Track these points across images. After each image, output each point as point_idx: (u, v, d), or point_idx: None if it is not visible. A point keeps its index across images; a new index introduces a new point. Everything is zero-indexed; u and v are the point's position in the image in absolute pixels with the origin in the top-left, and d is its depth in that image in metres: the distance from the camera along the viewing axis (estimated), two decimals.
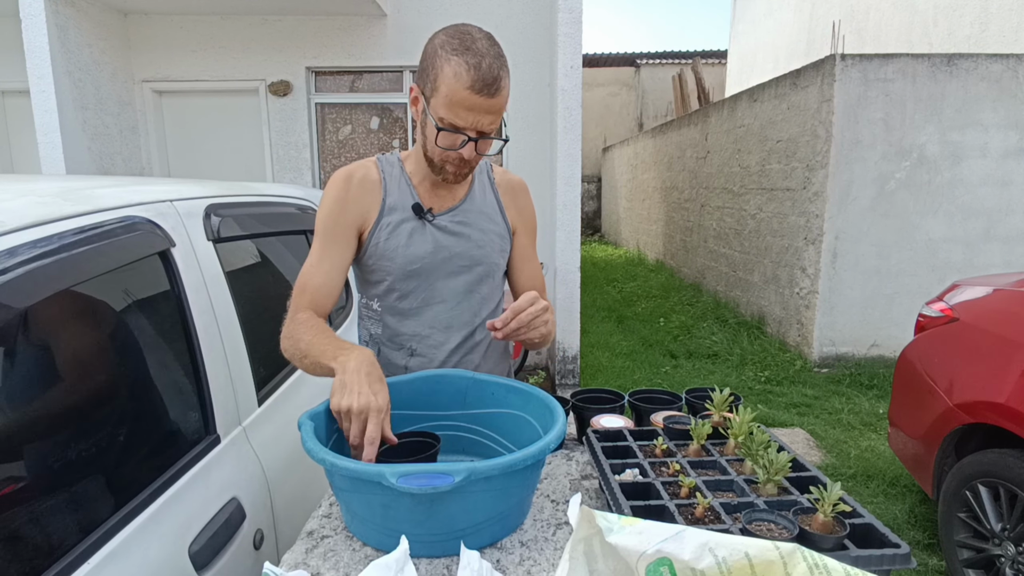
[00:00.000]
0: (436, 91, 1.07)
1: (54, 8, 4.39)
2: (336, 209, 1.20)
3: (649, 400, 1.35)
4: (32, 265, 0.86)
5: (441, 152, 1.13)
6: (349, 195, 1.21)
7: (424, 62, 1.10)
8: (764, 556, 0.58)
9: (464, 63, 1.04)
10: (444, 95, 1.06)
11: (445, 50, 1.07)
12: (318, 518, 1.00)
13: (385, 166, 1.25)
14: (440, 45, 1.08)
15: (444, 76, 1.06)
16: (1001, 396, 2.01)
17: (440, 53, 1.07)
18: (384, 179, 1.23)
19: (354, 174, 1.22)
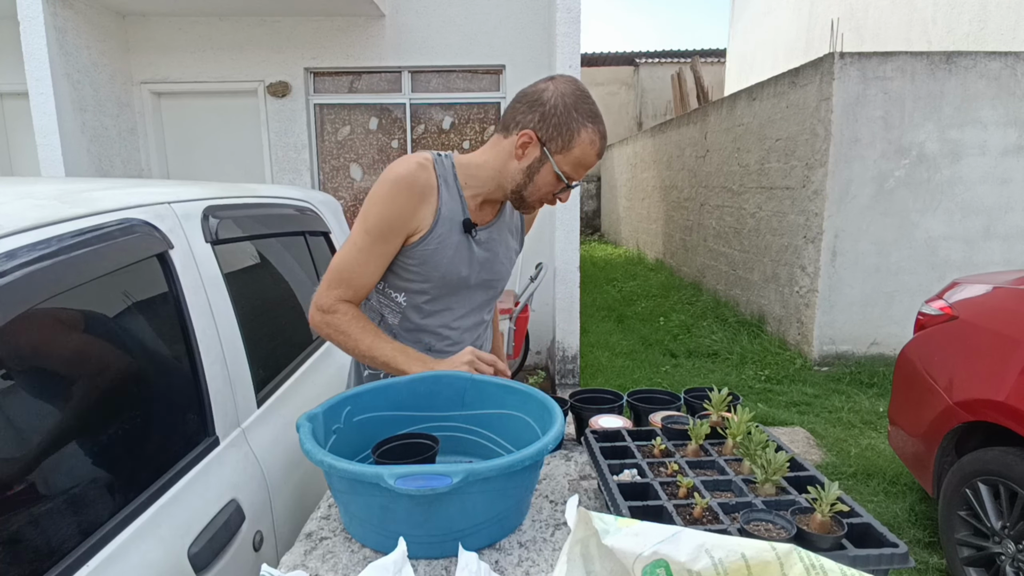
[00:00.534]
0: (568, 151, 1.17)
1: (52, 10, 4.39)
2: (396, 216, 1.20)
3: (648, 400, 1.35)
4: (30, 268, 0.86)
5: (543, 195, 1.23)
6: (410, 203, 1.20)
7: (552, 117, 1.16)
8: (760, 557, 0.58)
9: (597, 132, 1.17)
10: (576, 157, 1.17)
11: (581, 114, 1.16)
12: (317, 519, 1.00)
13: (440, 170, 1.24)
14: (573, 106, 1.16)
15: (580, 141, 1.16)
16: (1001, 394, 2.01)
17: (575, 116, 1.15)
18: (440, 187, 1.23)
19: (416, 181, 1.20)
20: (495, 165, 1.23)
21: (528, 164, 1.19)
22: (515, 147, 1.19)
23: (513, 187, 1.22)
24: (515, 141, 1.18)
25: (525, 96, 1.19)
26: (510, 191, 1.23)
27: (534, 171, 1.19)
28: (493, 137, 1.25)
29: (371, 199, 1.21)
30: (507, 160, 1.21)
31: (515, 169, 1.20)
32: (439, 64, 5.32)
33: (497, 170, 1.23)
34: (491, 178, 1.24)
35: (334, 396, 1.09)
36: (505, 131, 1.21)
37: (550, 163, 1.17)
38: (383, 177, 1.21)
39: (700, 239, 7.43)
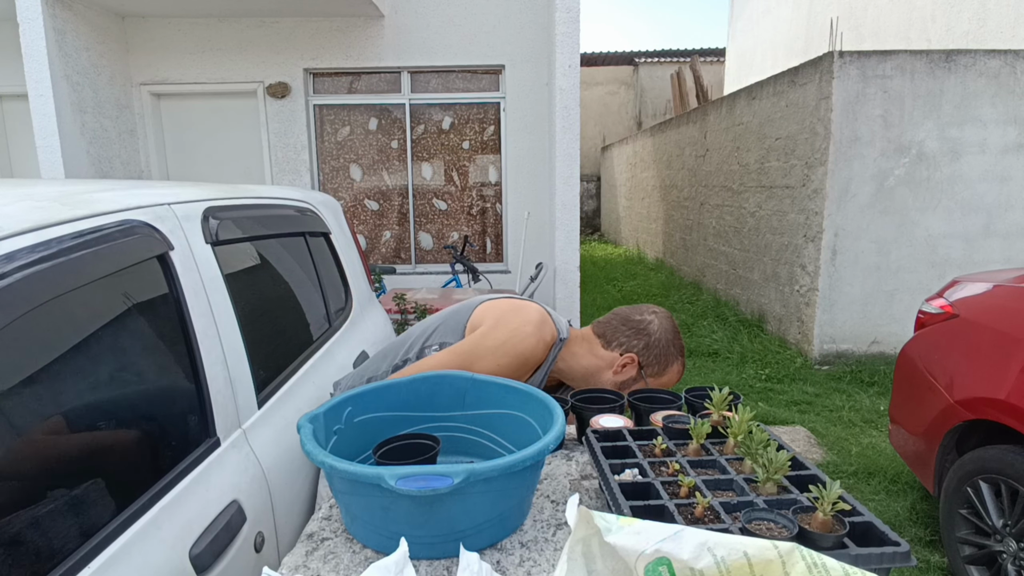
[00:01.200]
0: (659, 376, 1.38)
1: (52, 12, 4.39)
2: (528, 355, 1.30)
3: (649, 400, 1.35)
4: (30, 270, 0.86)
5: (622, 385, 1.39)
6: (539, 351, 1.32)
7: (655, 348, 1.37)
8: (763, 555, 0.58)
9: (683, 365, 1.40)
10: (664, 382, 1.39)
11: (676, 348, 1.38)
12: (318, 520, 1.00)
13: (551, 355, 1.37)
14: (671, 340, 1.38)
15: (671, 371, 1.39)
16: (1001, 392, 2.01)
17: (671, 350, 1.38)
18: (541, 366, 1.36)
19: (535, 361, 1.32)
20: (589, 367, 1.39)
21: (623, 380, 1.37)
22: (617, 364, 1.36)
23: (596, 385, 1.39)
24: (617, 359, 1.37)
25: (631, 321, 1.38)
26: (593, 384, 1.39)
27: (626, 387, 1.37)
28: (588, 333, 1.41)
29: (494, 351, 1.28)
30: (604, 370, 1.38)
31: (608, 380, 1.38)
32: (438, 64, 5.33)
33: (590, 372, 1.39)
34: (580, 375, 1.40)
35: (335, 397, 1.09)
36: (604, 341, 1.39)
37: (643, 383, 1.37)
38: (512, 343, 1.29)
39: (700, 238, 7.43)
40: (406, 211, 5.75)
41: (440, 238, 5.86)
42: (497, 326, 1.28)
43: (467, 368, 1.26)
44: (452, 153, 5.63)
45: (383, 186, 5.69)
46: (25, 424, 0.84)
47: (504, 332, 1.26)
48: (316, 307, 1.92)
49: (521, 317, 1.29)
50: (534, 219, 5.42)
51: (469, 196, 5.77)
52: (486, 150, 5.62)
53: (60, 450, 0.88)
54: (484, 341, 1.27)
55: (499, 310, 1.32)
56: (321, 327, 1.90)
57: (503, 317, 1.29)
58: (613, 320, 1.40)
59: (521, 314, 1.30)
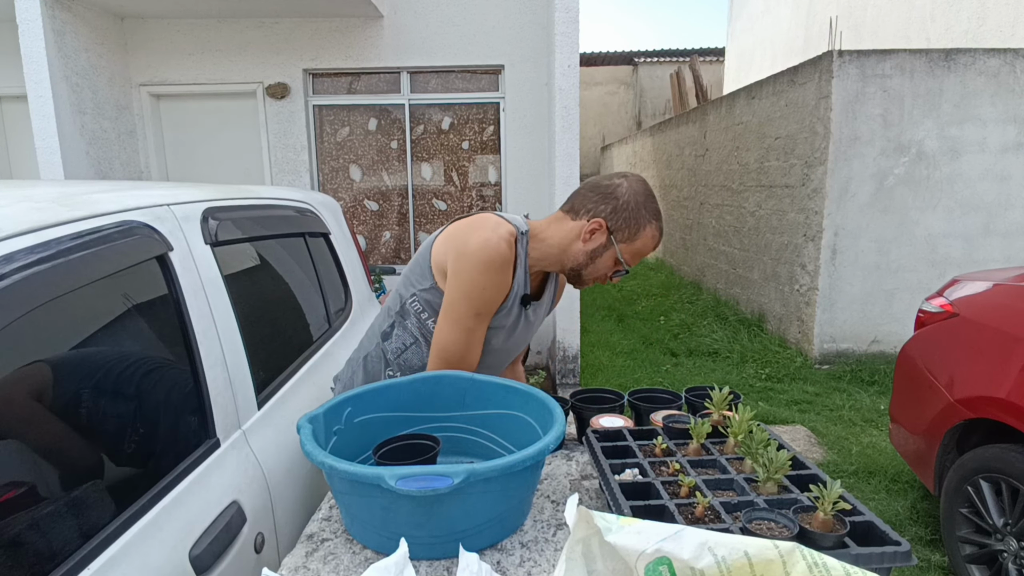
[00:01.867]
0: (631, 242, 1.28)
1: (51, 13, 4.39)
2: (497, 295, 1.27)
3: (649, 399, 1.35)
4: (29, 271, 0.85)
5: (599, 276, 1.32)
6: (505, 284, 1.28)
7: (623, 211, 1.27)
8: (763, 555, 0.58)
9: (658, 229, 1.30)
10: (637, 248, 1.29)
11: (648, 211, 1.28)
12: (318, 521, 1.00)
13: (520, 249, 1.31)
14: (642, 203, 1.28)
15: (644, 235, 1.28)
16: (1002, 391, 2.01)
17: (643, 213, 1.28)
18: (516, 262, 1.30)
19: (508, 263, 1.27)
20: (560, 243, 1.31)
21: (593, 248, 1.29)
22: (584, 231, 1.28)
23: (573, 265, 1.31)
24: (585, 226, 1.28)
25: (598, 187, 1.30)
26: (569, 268, 1.32)
27: (597, 255, 1.29)
28: (557, 213, 1.34)
29: (473, 280, 1.24)
30: (573, 241, 1.30)
31: (579, 250, 1.30)
32: (438, 64, 5.33)
33: (562, 248, 1.31)
34: (555, 255, 1.32)
35: (335, 397, 1.09)
36: (573, 213, 1.31)
37: (614, 250, 1.28)
38: (483, 257, 1.23)
39: (700, 238, 7.43)
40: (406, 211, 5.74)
41: None
42: (461, 254, 1.24)
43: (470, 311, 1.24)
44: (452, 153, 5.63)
45: (383, 186, 5.69)
46: (25, 425, 0.84)
47: (471, 256, 1.23)
48: (316, 308, 1.91)
49: (475, 230, 1.26)
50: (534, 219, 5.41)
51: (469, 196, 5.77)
52: (486, 150, 5.62)
53: (60, 451, 0.88)
54: (461, 277, 1.24)
55: (455, 237, 1.28)
56: (321, 328, 1.90)
57: (461, 242, 1.26)
58: (582, 190, 1.33)
59: (474, 227, 1.27)
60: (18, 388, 0.85)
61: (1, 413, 0.81)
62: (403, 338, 1.36)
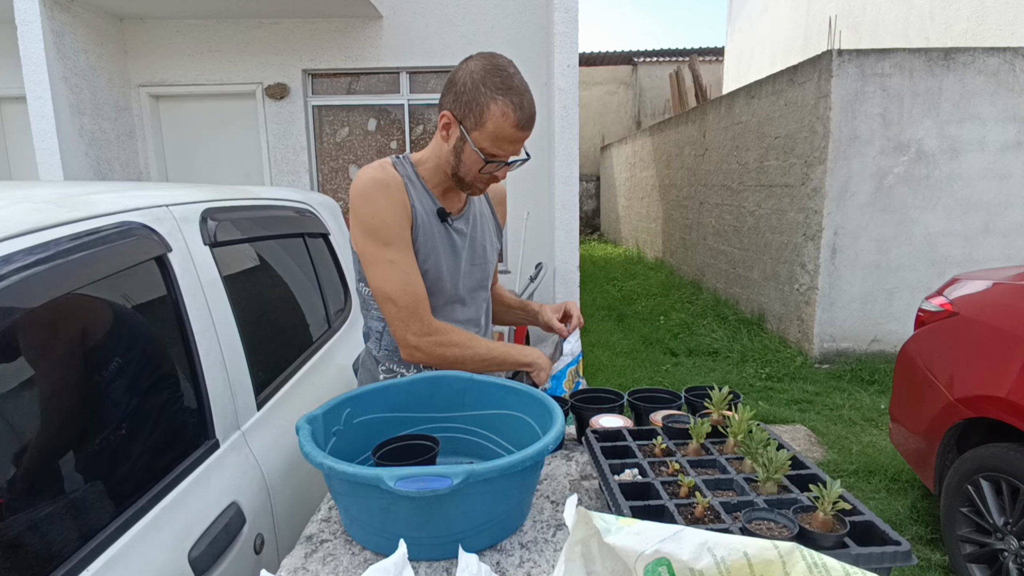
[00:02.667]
0: (481, 127, 1.16)
1: (50, 14, 4.39)
2: (396, 217, 1.22)
3: (648, 399, 1.35)
4: (28, 272, 0.85)
5: (477, 175, 1.22)
6: (396, 201, 1.22)
7: (463, 95, 1.16)
8: (763, 555, 0.58)
9: (510, 103, 1.14)
10: (491, 132, 1.15)
11: (488, 88, 1.14)
12: (317, 522, 1.00)
13: (401, 170, 1.26)
14: (481, 81, 1.14)
15: (491, 114, 1.14)
16: (1002, 390, 2.01)
17: (483, 90, 1.14)
18: (406, 184, 1.25)
19: (388, 180, 1.23)
20: (437, 153, 1.25)
21: (453, 145, 1.21)
22: (439, 132, 1.22)
23: (449, 170, 1.24)
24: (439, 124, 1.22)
25: (447, 80, 1.21)
26: (450, 175, 1.25)
27: (459, 151, 1.20)
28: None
29: (364, 215, 1.21)
30: (441, 145, 1.24)
31: (446, 152, 1.22)
32: (437, 65, 5.32)
33: (439, 158, 1.25)
34: (438, 166, 1.26)
35: (334, 398, 1.09)
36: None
37: (469, 142, 1.17)
38: (356, 192, 1.22)
39: (700, 237, 7.43)
40: None
41: None
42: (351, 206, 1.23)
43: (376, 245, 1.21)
44: None
45: None
46: (24, 426, 0.84)
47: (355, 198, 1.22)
48: (315, 308, 1.91)
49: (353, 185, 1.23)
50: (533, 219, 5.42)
51: None
52: None
53: (59, 453, 0.88)
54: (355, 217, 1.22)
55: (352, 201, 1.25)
56: (320, 328, 1.90)
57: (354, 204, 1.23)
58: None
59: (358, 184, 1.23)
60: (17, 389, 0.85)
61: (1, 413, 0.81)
62: (375, 326, 1.34)
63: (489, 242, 1.41)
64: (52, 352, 0.92)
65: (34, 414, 0.86)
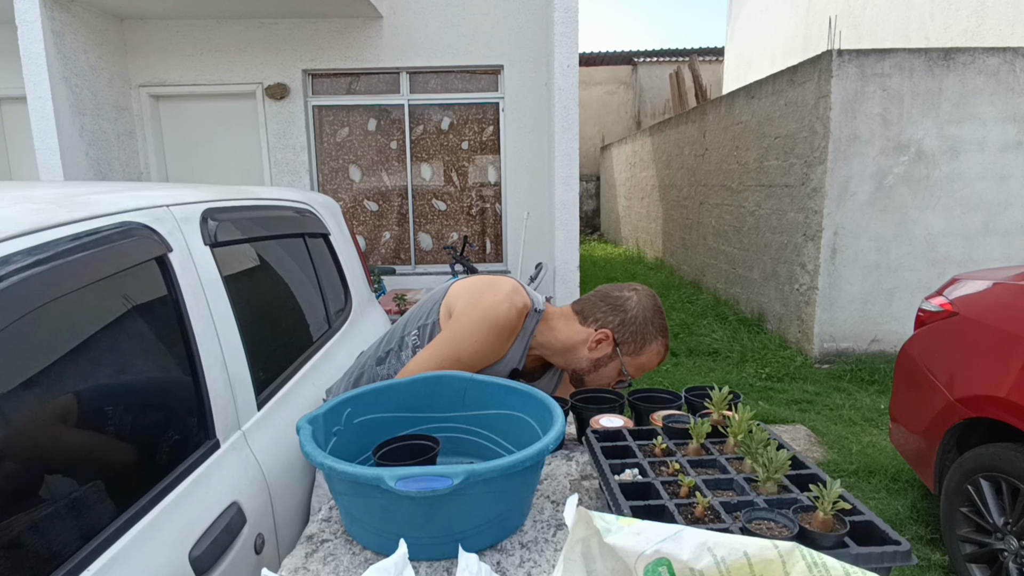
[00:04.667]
0: (637, 355, 1.31)
1: (50, 14, 4.39)
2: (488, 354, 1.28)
3: (649, 399, 1.35)
4: (27, 272, 0.85)
5: (602, 384, 1.33)
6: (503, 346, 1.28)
7: (631, 325, 1.30)
8: (763, 555, 0.58)
9: (664, 346, 1.32)
10: (643, 362, 1.31)
11: (655, 327, 1.30)
12: (318, 522, 1.00)
13: (528, 324, 1.31)
14: (650, 319, 1.30)
15: (649, 351, 1.31)
16: (1002, 390, 2.01)
17: (650, 328, 1.30)
18: (521, 334, 1.31)
19: (511, 328, 1.27)
20: (566, 342, 1.33)
21: (598, 357, 1.31)
22: (591, 340, 1.31)
23: (577, 368, 1.34)
24: (592, 335, 1.31)
25: (608, 297, 1.33)
26: (573, 370, 1.34)
27: (601, 364, 1.31)
28: (566, 309, 1.36)
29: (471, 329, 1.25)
30: (579, 345, 1.32)
31: (584, 357, 1.32)
32: (437, 65, 5.33)
33: (567, 348, 1.33)
34: (558, 350, 1.34)
35: (334, 398, 1.09)
36: (582, 317, 1.34)
37: (618, 361, 1.30)
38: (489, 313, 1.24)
39: (699, 237, 7.43)
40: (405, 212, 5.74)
41: (440, 239, 5.86)
42: (470, 304, 1.26)
43: (452, 354, 1.25)
44: (451, 153, 5.63)
45: (382, 187, 5.68)
46: (24, 427, 0.84)
47: (478, 309, 1.25)
48: (315, 308, 1.92)
49: (493, 289, 1.27)
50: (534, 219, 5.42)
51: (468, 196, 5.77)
52: (485, 150, 5.62)
53: (60, 453, 0.88)
54: (460, 322, 1.26)
55: (472, 287, 1.30)
56: (321, 328, 1.90)
57: (475, 294, 1.27)
58: (593, 297, 1.35)
59: (493, 287, 1.28)
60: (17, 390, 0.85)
61: (1, 413, 0.81)
62: (395, 367, 1.37)
63: None
64: (52, 352, 0.92)
65: (35, 414, 0.86)
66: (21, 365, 0.86)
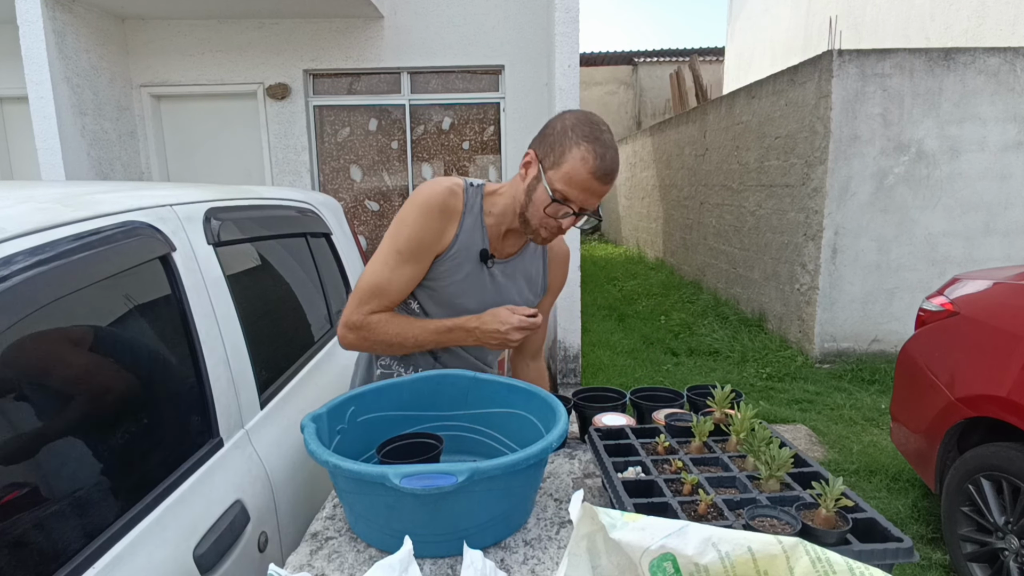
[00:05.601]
0: (558, 166, 1.17)
1: (51, 14, 4.39)
2: (423, 235, 1.24)
3: (651, 398, 1.35)
4: (32, 272, 0.86)
5: (542, 217, 1.21)
6: (438, 225, 1.25)
7: (550, 137, 1.19)
8: (767, 550, 0.58)
9: (593, 151, 1.15)
10: (565, 172, 1.16)
11: (576, 133, 1.16)
12: (322, 520, 1.01)
13: (469, 199, 1.28)
14: (571, 127, 1.17)
15: (571, 156, 1.15)
16: (1002, 389, 2.01)
17: (570, 135, 1.16)
18: (464, 212, 1.27)
19: (447, 204, 1.25)
20: (513, 191, 1.27)
21: (528, 183, 1.22)
22: (520, 170, 1.25)
23: (518, 208, 1.25)
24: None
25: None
26: (518, 214, 1.26)
27: (532, 189, 1.21)
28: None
29: (402, 219, 1.24)
30: (518, 182, 1.26)
31: (521, 189, 1.24)
32: (438, 65, 5.33)
33: (513, 196, 1.27)
34: (508, 205, 1.28)
35: (338, 396, 1.09)
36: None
37: (543, 179, 1.18)
38: (413, 198, 1.25)
39: (700, 237, 7.43)
40: None
41: None
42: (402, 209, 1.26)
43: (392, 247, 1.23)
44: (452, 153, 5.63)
45: (383, 187, 5.69)
46: (29, 425, 0.85)
47: (409, 201, 1.25)
48: (318, 308, 1.92)
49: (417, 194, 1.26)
50: None
51: None
52: (486, 150, 5.62)
53: (64, 451, 0.88)
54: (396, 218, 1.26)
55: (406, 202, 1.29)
56: (323, 328, 1.91)
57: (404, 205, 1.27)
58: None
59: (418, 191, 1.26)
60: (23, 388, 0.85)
61: (7, 412, 0.81)
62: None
63: (524, 300, 1.37)
64: (57, 351, 0.93)
65: (40, 413, 0.87)
66: (25, 364, 0.86)
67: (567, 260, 1.48)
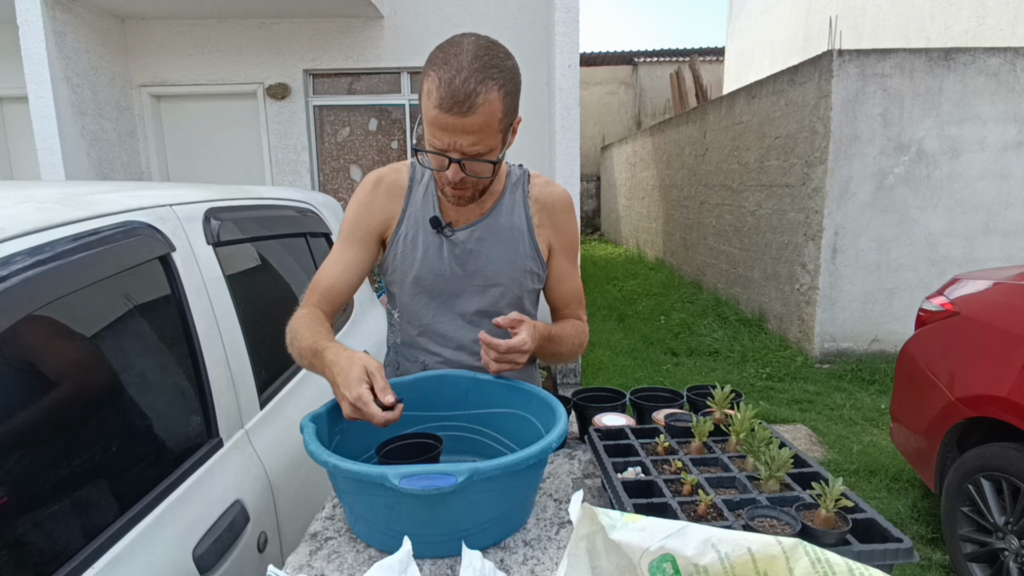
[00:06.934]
0: (422, 109, 1.01)
1: (51, 14, 4.39)
2: (359, 212, 1.20)
3: (650, 398, 1.35)
4: (32, 271, 0.86)
5: (434, 172, 1.10)
6: (375, 200, 1.20)
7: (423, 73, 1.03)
8: (767, 551, 0.58)
9: (437, 79, 0.95)
10: (426, 107, 0.99)
11: (429, 63, 0.99)
12: (321, 520, 1.01)
13: (417, 172, 1.22)
14: (430, 58, 1.00)
15: (423, 93, 0.99)
16: (1002, 390, 2.01)
17: (426, 68, 1.00)
18: (411, 186, 1.21)
19: (383, 178, 1.21)
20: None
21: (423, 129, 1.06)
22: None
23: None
24: None
25: None
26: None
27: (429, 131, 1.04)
28: None
29: (350, 202, 1.24)
30: None
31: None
32: None
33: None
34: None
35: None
36: None
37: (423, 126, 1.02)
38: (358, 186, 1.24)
39: (700, 237, 7.43)
40: None
41: None
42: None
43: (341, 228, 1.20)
44: None
45: None
46: (29, 425, 0.85)
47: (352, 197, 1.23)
48: None
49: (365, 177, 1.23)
50: None
51: None
52: None
53: (64, 451, 0.88)
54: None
55: None
56: None
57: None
58: None
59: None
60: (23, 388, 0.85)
61: (6, 412, 0.81)
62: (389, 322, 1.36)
63: (508, 259, 1.21)
64: (57, 350, 0.93)
65: (39, 412, 0.87)
66: (25, 363, 0.86)
67: (563, 206, 1.26)
